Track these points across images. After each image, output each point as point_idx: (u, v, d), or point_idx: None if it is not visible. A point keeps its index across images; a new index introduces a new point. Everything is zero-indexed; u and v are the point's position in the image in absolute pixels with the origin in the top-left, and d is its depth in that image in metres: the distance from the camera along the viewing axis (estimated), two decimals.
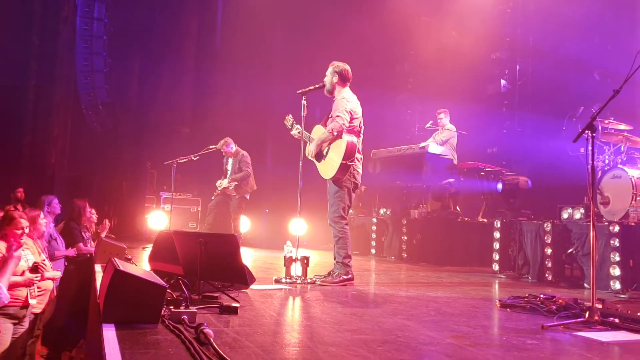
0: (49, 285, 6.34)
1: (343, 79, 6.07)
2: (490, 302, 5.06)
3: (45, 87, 12.42)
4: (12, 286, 5.75)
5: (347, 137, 5.81)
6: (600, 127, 7.26)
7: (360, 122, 6.00)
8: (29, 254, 6.08)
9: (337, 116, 5.81)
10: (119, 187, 13.25)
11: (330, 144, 5.92)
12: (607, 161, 7.42)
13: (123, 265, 3.37)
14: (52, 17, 12.58)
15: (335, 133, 5.79)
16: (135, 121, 14.05)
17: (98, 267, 5.70)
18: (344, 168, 5.80)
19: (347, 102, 5.92)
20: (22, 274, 5.88)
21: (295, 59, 13.57)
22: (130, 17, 14.04)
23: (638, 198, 6.52)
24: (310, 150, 6.06)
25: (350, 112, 5.87)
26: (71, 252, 7.76)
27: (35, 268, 6.00)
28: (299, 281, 5.60)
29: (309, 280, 5.67)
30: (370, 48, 12.99)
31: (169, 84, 14.67)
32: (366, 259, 9.90)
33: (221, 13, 15.52)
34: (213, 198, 10.14)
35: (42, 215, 6.66)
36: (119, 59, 13.84)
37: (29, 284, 5.90)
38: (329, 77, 6.08)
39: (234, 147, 10.17)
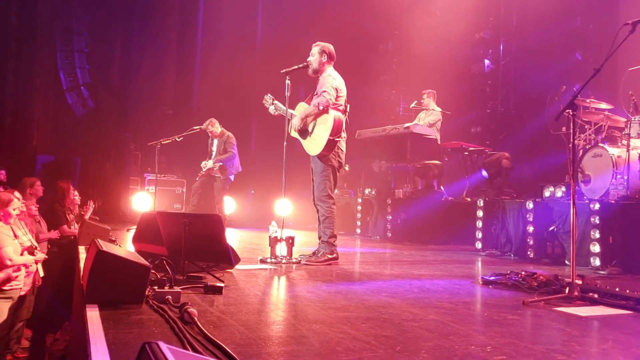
0: (33, 267, 6.33)
1: (331, 58, 6.05)
2: (473, 280, 5.12)
3: (25, 67, 12.25)
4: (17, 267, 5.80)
5: (333, 113, 5.76)
6: (581, 106, 7.32)
7: (345, 101, 5.99)
8: (21, 235, 6.09)
9: (324, 91, 5.76)
10: (102, 168, 13.14)
11: (315, 119, 5.89)
12: (588, 140, 7.48)
13: (106, 246, 3.36)
14: None
15: (321, 107, 5.74)
16: (118, 102, 13.89)
17: (82, 249, 5.69)
18: (331, 144, 5.76)
19: (333, 79, 5.89)
20: (22, 254, 5.89)
21: (278, 38, 13.48)
22: None
23: (618, 176, 6.59)
24: (294, 124, 6.00)
25: (336, 89, 5.85)
26: (54, 234, 7.73)
27: (31, 250, 6.00)
28: (284, 261, 5.62)
29: (294, 260, 5.70)
30: (354, 27, 12.91)
31: (152, 64, 14.52)
32: (351, 239, 9.95)
33: None
34: (197, 179, 10.11)
35: (16, 194, 6.63)
36: (101, 39, 13.65)
37: (28, 265, 5.94)
38: (317, 57, 6.01)
39: (219, 128, 10.13)
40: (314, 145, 5.86)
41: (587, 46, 10.38)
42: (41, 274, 6.75)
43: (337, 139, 5.80)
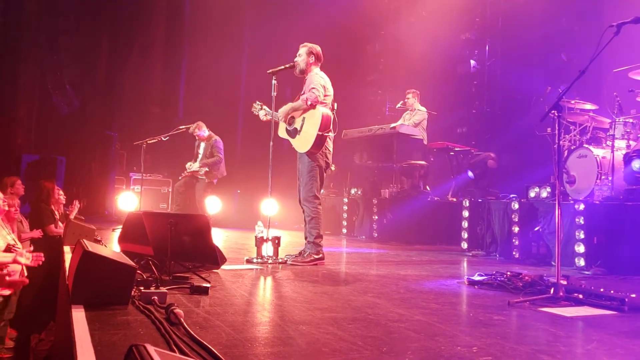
0: (17, 267, 6.27)
1: (318, 59, 6.10)
2: (459, 280, 5.14)
3: (9, 66, 12.12)
4: None
5: (321, 109, 5.80)
6: (566, 107, 7.37)
7: (332, 100, 6.01)
8: (5, 235, 6.03)
9: (313, 88, 5.80)
10: (87, 168, 13.04)
11: (303, 113, 5.91)
12: (573, 141, 7.55)
13: (92, 247, 3.34)
14: None
15: (309, 103, 5.77)
16: (104, 101, 13.81)
17: (67, 249, 5.65)
18: (320, 140, 5.78)
19: (320, 77, 5.94)
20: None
21: (265, 39, 13.47)
22: None
23: (603, 177, 6.65)
24: (280, 113, 6.05)
25: (324, 87, 5.88)
26: (36, 233, 7.67)
27: (8, 249, 5.93)
28: (270, 261, 5.62)
29: (280, 260, 5.70)
30: (341, 28, 12.92)
31: (138, 63, 14.44)
32: (337, 239, 9.96)
33: None
34: (180, 179, 10.09)
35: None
36: (87, 37, 13.55)
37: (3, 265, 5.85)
38: (304, 57, 6.04)
39: (206, 131, 10.11)
40: (303, 142, 5.87)
41: (572, 47, 10.45)
42: (25, 273, 6.68)
43: (326, 134, 5.83)
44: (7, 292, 6.12)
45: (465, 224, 8.08)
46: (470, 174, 9.59)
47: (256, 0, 14.24)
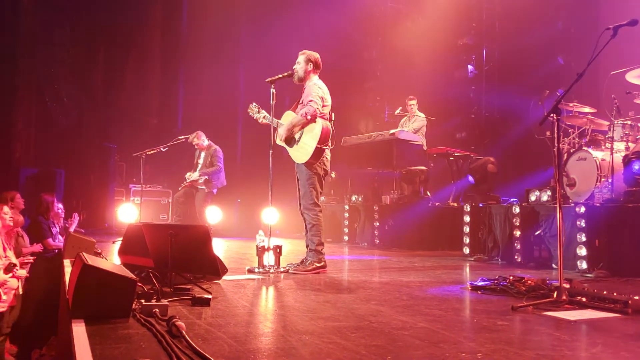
0: (13, 283, 6.25)
1: (316, 67, 6.07)
2: (462, 285, 5.12)
3: (6, 80, 12.12)
4: None
5: (321, 121, 5.79)
6: (565, 111, 7.37)
7: (330, 111, 5.99)
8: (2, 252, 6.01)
9: (311, 101, 5.78)
10: (87, 180, 13.01)
11: (302, 128, 5.90)
12: (572, 143, 7.54)
13: (92, 260, 3.33)
14: (10, 5, 12.23)
15: (308, 117, 5.76)
16: (102, 113, 13.81)
17: (67, 262, 5.63)
18: (318, 152, 5.78)
19: (318, 88, 5.91)
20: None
21: (263, 47, 13.48)
22: (94, 6, 13.75)
23: (603, 179, 6.64)
24: (281, 134, 6.00)
25: (322, 98, 5.86)
26: (37, 247, 7.65)
27: (9, 269, 5.91)
28: (271, 270, 5.59)
29: (281, 269, 5.67)
30: (338, 35, 12.94)
31: (135, 74, 14.44)
32: (339, 246, 9.93)
33: (187, 1, 15.27)
34: (180, 189, 10.07)
35: (5, 209, 6.56)
36: (83, 49, 13.56)
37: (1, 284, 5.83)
38: (302, 65, 6.02)
39: (206, 141, 10.10)
40: (301, 153, 5.86)
41: (569, 50, 10.47)
42: (20, 291, 6.65)
43: (325, 147, 5.82)
44: (2, 308, 6.09)
45: (466, 229, 8.05)
46: (470, 178, 9.58)
47: (253, 8, 14.25)
